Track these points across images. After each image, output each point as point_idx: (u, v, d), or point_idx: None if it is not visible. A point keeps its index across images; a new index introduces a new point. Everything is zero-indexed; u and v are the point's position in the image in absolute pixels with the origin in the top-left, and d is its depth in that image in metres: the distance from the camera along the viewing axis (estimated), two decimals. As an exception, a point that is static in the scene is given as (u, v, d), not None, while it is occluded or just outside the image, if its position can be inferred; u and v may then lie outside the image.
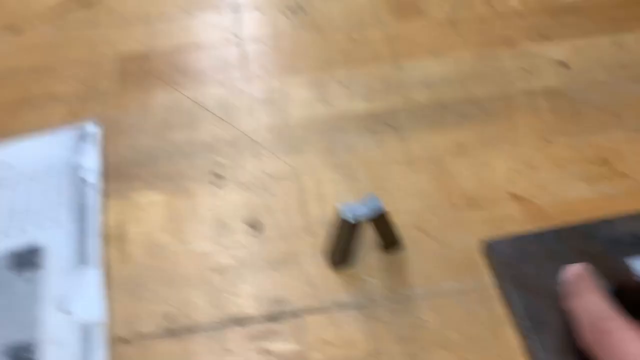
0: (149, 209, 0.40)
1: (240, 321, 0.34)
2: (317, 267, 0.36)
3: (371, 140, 0.43)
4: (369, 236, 0.37)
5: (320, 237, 0.38)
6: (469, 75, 0.47)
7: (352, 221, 0.33)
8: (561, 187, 0.39)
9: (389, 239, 0.36)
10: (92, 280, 0.35)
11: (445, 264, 0.36)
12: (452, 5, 0.53)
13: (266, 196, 0.40)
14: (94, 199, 0.40)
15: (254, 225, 0.39)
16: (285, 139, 0.44)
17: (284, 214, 0.39)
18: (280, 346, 0.33)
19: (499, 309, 0.34)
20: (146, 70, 0.50)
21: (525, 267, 0.34)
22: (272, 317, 0.34)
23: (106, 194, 0.41)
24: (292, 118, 0.45)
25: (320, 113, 0.46)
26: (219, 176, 0.42)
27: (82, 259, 0.37)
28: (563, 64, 0.48)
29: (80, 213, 0.39)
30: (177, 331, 0.34)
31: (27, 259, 0.37)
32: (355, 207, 0.33)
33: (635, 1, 0.52)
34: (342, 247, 0.35)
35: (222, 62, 0.50)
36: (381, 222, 0.34)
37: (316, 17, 0.53)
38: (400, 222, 0.38)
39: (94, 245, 0.37)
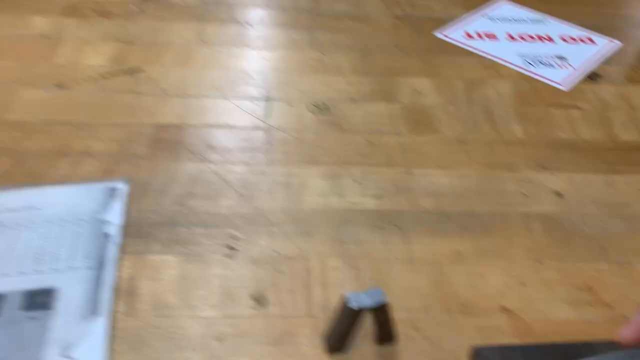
0: (161, 269, 0.42)
1: (233, 391, 0.35)
2: (313, 349, 0.38)
3: (377, 236, 0.47)
4: (365, 327, 0.39)
5: (320, 320, 0.40)
6: (473, 191, 0.52)
7: (356, 309, 0.35)
8: (548, 307, 0.42)
9: (385, 332, 0.38)
10: (98, 330, 0.37)
11: (434, 364, 0.38)
12: (463, 127, 0.59)
13: (273, 273, 0.43)
14: (112, 252, 0.42)
15: (259, 300, 0.41)
16: (298, 223, 0.47)
17: (289, 293, 0.41)
18: (269, 421, 0.34)
19: (481, 416, 0.35)
20: (178, 141, 0.54)
21: (509, 377, 0.36)
22: (265, 392, 0.35)
23: (123, 250, 0.43)
24: (306, 204, 0.49)
25: (333, 204, 0.49)
26: (232, 248, 0.44)
27: (92, 307, 0.38)
28: (558, 194, 0.52)
29: (98, 263, 0.41)
30: (171, 392, 0.35)
31: (39, 300, 0.38)
32: (360, 296, 0.36)
33: (626, 148, 0.58)
34: (341, 334, 0.37)
35: (249, 144, 0.54)
36: (381, 315, 0.36)
37: (339, 118, 0.59)
38: (396, 317, 0.40)
39: (106, 296, 0.39)
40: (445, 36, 0.73)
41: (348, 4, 0.79)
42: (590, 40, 0.75)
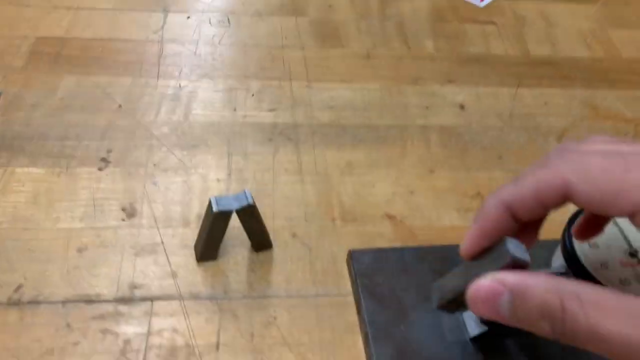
0: (24, 181, 0.39)
1: (89, 300, 0.33)
2: (182, 258, 0.36)
3: (267, 148, 0.44)
4: (243, 235, 0.37)
5: (195, 230, 0.38)
6: (373, 105, 0.50)
7: (219, 212, 0.33)
8: (434, 214, 0.41)
9: (257, 237, 0.36)
10: (-58, 241, 0.34)
11: (310, 269, 0.37)
12: (373, 42, 0.56)
13: (148, 185, 0.40)
14: (-32, 164, 0.39)
15: (129, 212, 0.38)
16: (183, 136, 0.44)
17: (163, 204, 0.39)
18: (124, 328, 0.32)
19: (352, 317, 0.34)
20: (60, 54, 0.50)
21: (379, 278, 0.35)
22: (123, 300, 0.34)
23: (-16, 162, 0.40)
24: (195, 118, 0.46)
25: (225, 117, 0.46)
26: (106, 161, 0.42)
27: (-62, 219, 0.35)
28: (461, 106, 0.51)
29: (-50, 175, 0.38)
30: (21, 302, 0.33)
31: None
32: (225, 199, 0.34)
33: (537, 63, 0.57)
34: (209, 240, 0.35)
35: (139, 57, 0.51)
36: (250, 218, 0.35)
37: (241, 31, 0.55)
38: (277, 226, 0.39)
39: (-45, 208, 0.36)
40: (365, -49, 0.69)
41: None
42: (515, -43, 0.72)
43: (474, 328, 0.32)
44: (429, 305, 0.33)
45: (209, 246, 0.35)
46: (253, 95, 0.49)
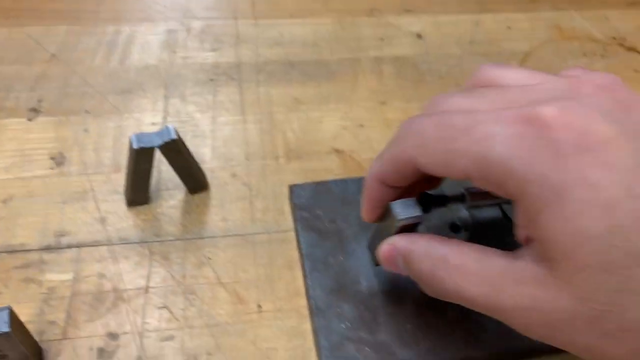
0: (-52, 136, 0.37)
1: (12, 251, 0.32)
2: (112, 204, 0.34)
3: (208, 88, 0.42)
4: (178, 178, 0.35)
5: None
6: (324, 39, 0.47)
7: (138, 149, 0.31)
8: (384, 145, 0.39)
9: (188, 177, 0.34)
10: None
11: (250, 208, 0.35)
12: (325, -25, 0.53)
13: (79, 132, 0.38)
14: None
15: (59, 160, 0.37)
16: (118, 82, 0.42)
17: (94, 151, 0.37)
18: (48, 276, 0.31)
19: (291, 252, 0.33)
20: (-10, 6, 0.47)
21: (318, 210, 0.33)
22: (49, 249, 0.32)
23: None
24: (132, 62, 0.44)
25: (163, 60, 0.44)
26: (36, 111, 0.39)
27: None
28: (418, 36, 0.48)
29: None
30: (-60, 257, 0.31)
31: None
32: (146, 135, 0.31)
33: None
34: (134, 181, 0.33)
35: (76, 5, 0.48)
36: (176, 156, 0.33)
37: (185, -26, 0.52)
38: (215, 167, 0.37)
39: None
40: None
41: None
42: None
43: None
44: (371, 235, 0.31)
45: (136, 189, 0.33)
46: (195, 36, 0.46)
